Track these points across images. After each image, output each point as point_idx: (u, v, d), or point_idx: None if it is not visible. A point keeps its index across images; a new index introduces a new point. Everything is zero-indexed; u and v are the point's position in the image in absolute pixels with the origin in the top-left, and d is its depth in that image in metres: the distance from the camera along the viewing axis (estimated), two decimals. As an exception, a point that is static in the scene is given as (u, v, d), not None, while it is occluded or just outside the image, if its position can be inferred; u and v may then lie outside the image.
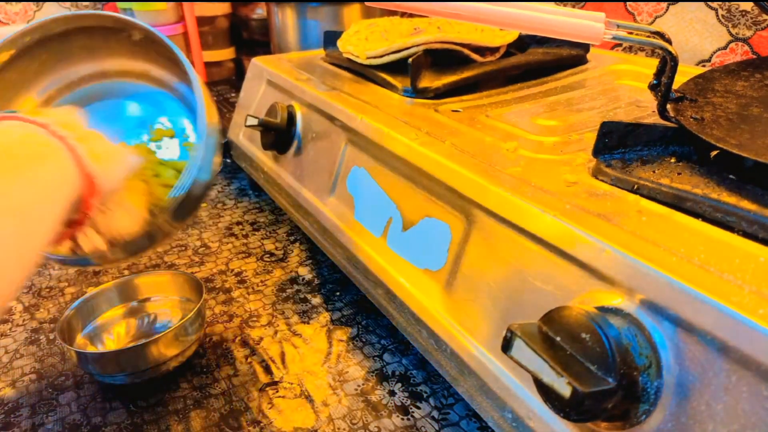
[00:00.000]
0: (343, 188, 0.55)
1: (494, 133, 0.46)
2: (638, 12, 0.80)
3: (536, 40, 0.71)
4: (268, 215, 0.79)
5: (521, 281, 0.34)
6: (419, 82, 0.57)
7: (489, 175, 0.38)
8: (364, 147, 0.52)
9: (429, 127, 0.48)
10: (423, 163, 0.44)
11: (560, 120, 0.49)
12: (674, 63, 0.37)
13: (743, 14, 0.69)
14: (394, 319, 0.47)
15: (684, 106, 0.39)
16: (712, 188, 0.32)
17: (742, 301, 0.23)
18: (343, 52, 0.69)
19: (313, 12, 0.98)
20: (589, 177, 0.37)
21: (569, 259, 0.31)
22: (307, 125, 0.63)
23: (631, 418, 0.27)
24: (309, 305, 0.60)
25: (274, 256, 0.69)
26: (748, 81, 0.43)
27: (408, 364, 0.51)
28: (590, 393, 0.24)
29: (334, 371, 0.50)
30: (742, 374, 0.23)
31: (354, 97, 0.58)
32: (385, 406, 0.46)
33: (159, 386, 0.49)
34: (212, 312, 0.59)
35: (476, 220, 0.38)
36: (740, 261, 0.26)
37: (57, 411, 0.47)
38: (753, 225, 0.28)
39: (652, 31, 0.39)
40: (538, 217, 0.33)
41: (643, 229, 0.30)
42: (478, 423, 0.45)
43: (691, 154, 0.37)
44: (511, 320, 0.30)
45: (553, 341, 0.27)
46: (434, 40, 0.61)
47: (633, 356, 0.26)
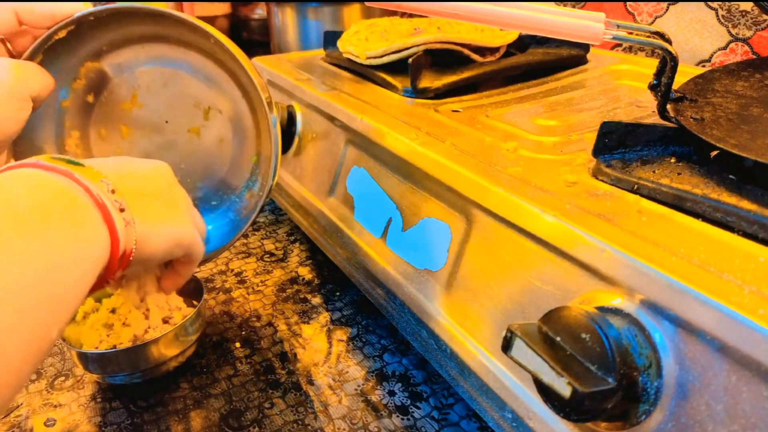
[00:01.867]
0: (343, 188, 0.55)
1: (494, 133, 0.46)
2: (638, 12, 0.80)
3: (536, 40, 0.71)
4: (268, 215, 0.79)
5: (521, 281, 0.34)
6: (419, 82, 0.57)
7: (489, 175, 0.38)
8: (364, 147, 0.52)
9: (429, 127, 0.48)
10: (423, 163, 0.44)
11: (560, 120, 0.49)
12: (674, 63, 0.37)
13: (743, 14, 0.69)
14: (394, 319, 0.47)
15: (684, 106, 0.39)
16: (712, 188, 0.32)
17: (742, 301, 0.23)
18: (343, 52, 0.69)
19: (313, 12, 0.98)
20: (589, 177, 0.37)
21: (569, 259, 0.31)
22: (307, 125, 0.63)
23: (631, 418, 0.27)
24: (309, 305, 0.60)
25: (274, 256, 0.69)
26: (748, 81, 0.43)
27: (408, 364, 0.51)
28: (590, 393, 0.24)
29: (334, 371, 0.50)
30: (742, 374, 0.23)
31: (354, 97, 0.58)
32: (385, 406, 0.46)
33: (159, 386, 0.49)
34: (212, 312, 0.59)
35: (476, 220, 0.38)
36: (740, 261, 0.26)
37: (57, 411, 0.47)
38: (753, 225, 0.28)
39: (652, 31, 0.39)
40: (538, 217, 0.33)
41: (643, 229, 0.30)
42: (478, 423, 0.45)
43: (691, 154, 0.37)
44: (511, 320, 0.31)
45: (553, 341, 0.27)
46: (434, 40, 0.61)
47: (633, 356, 0.26)
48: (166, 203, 0.37)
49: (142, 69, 0.51)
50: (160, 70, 0.51)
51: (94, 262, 0.29)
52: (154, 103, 0.52)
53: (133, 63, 0.51)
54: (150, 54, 0.50)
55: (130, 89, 0.51)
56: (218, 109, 0.52)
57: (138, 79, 0.51)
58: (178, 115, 0.52)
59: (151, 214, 0.35)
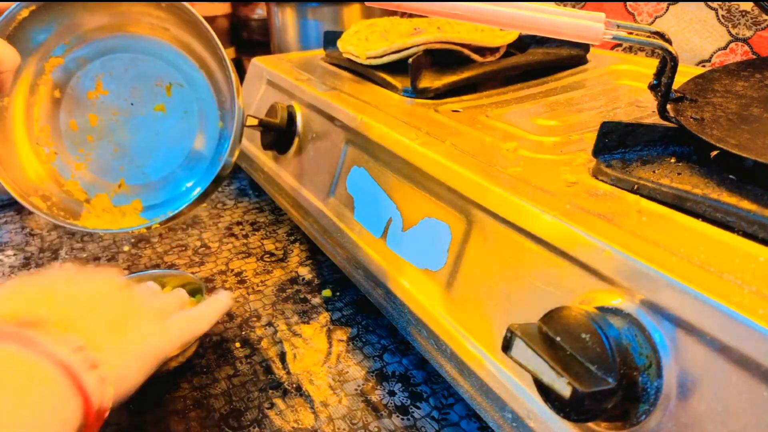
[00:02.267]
0: (343, 188, 0.55)
1: (494, 133, 0.46)
2: (638, 12, 0.80)
3: (536, 40, 0.71)
4: (268, 215, 0.79)
5: (521, 281, 0.34)
6: (419, 82, 0.57)
7: (489, 175, 0.38)
8: (364, 147, 0.52)
9: (429, 127, 0.48)
10: (423, 163, 0.44)
11: (560, 120, 0.49)
12: (674, 63, 0.37)
13: (743, 14, 0.69)
14: (394, 319, 0.47)
15: (684, 106, 0.39)
16: (712, 188, 0.32)
17: (742, 301, 0.23)
18: (343, 52, 0.69)
19: (313, 12, 0.98)
20: (589, 177, 0.37)
21: (569, 259, 0.31)
22: (307, 125, 0.63)
23: (631, 418, 0.27)
24: (309, 305, 0.60)
25: (274, 256, 0.69)
26: (748, 81, 0.43)
27: (408, 364, 0.51)
28: (590, 393, 0.24)
29: (334, 371, 0.50)
30: (742, 374, 0.23)
31: (354, 97, 0.58)
32: (385, 406, 0.46)
33: (159, 386, 0.49)
34: (212, 312, 0.59)
35: (476, 220, 0.38)
36: (740, 261, 0.26)
37: (57, 411, 0.47)
38: (753, 225, 0.28)
39: (652, 31, 0.39)
40: (538, 217, 0.33)
41: (643, 229, 0.30)
42: (478, 423, 0.45)
43: (691, 154, 0.37)
44: (511, 320, 0.30)
45: (553, 341, 0.27)
46: (434, 40, 0.61)
47: (633, 356, 0.26)
48: (129, 322, 0.34)
49: (103, 59, 0.55)
50: (119, 57, 0.55)
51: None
52: (118, 88, 0.56)
53: (95, 54, 0.54)
54: (108, 44, 0.54)
55: (94, 78, 0.55)
56: (178, 83, 0.57)
57: (100, 67, 0.55)
58: (142, 95, 0.57)
59: (121, 344, 0.32)
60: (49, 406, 0.26)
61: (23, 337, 0.26)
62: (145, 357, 0.34)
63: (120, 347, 0.32)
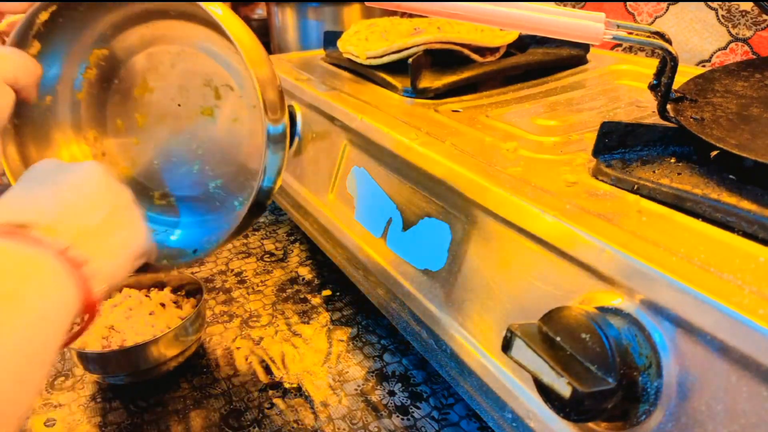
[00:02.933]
0: (343, 188, 0.55)
1: (494, 133, 0.46)
2: (638, 12, 0.80)
3: (536, 40, 0.71)
4: (268, 215, 0.79)
5: (521, 281, 0.34)
6: (419, 82, 0.57)
7: (489, 175, 0.38)
8: (364, 147, 0.52)
9: (429, 127, 0.48)
10: (423, 163, 0.44)
11: (560, 120, 0.49)
12: (674, 63, 0.37)
13: (743, 14, 0.68)
14: (394, 319, 0.47)
15: (684, 106, 0.39)
16: (712, 188, 0.32)
17: (742, 301, 0.23)
18: (343, 52, 0.69)
19: (313, 12, 0.98)
20: (589, 177, 0.37)
21: (569, 259, 0.31)
22: (307, 125, 0.63)
23: (631, 418, 0.27)
24: (309, 305, 0.60)
25: (274, 256, 0.69)
26: (748, 81, 0.43)
27: (408, 364, 0.51)
28: (590, 393, 0.24)
29: (334, 371, 0.50)
30: (742, 374, 0.23)
31: (354, 97, 0.58)
32: (385, 406, 0.46)
33: (159, 386, 0.49)
34: (212, 312, 0.59)
35: (476, 220, 0.38)
36: (740, 261, 0.26)
37: (57, 411, 0.47)
38: (753, 225, 0.28)
39: (652, 31, 0.39)
40: (538, 217, 0.33)
41: (643, 229, 0.30)
42: (478, 423, 0.45)
43: (691, 154, 0.37)
44: (511, 320, 0.30)
45: (553, 341, 0.27)
46: (434, 40, 0.61)
47: (633, 356, 0.26)
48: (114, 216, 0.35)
49: (149, 50, 0.49)
50: (166, 49, 0.49)
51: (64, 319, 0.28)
52: (165, 85, 0.50)
53: (139, 45, 0.49)
54: (154, 33, 0.49)
55: (140, 73, 0.50)
56: (229, 85, 0.49)
57: (146, 61, 0.50)
58: (189, 96, 0.50)
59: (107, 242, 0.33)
60: (50, 290, 0.27)
61: (19, 234, 0.28)
62: (130, 253, 0.35)
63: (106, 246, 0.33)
